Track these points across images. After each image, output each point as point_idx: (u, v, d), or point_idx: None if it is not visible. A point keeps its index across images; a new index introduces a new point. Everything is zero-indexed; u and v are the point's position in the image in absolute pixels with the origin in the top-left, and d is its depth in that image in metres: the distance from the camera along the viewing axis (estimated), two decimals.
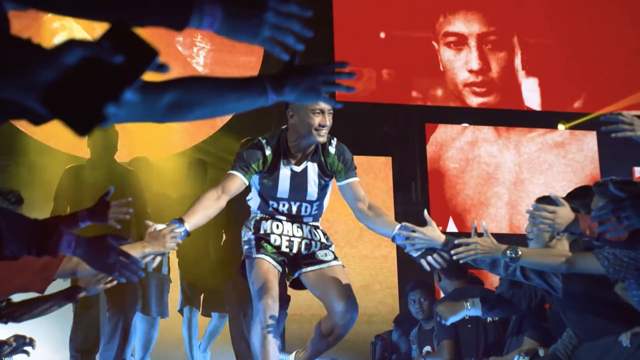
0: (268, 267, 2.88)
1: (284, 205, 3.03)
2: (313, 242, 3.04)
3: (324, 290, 2.91)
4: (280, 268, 2.93)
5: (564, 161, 7.75)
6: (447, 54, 7.81)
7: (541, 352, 3.62)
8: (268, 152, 2.97)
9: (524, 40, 8.06)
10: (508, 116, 7.84)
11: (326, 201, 3.16)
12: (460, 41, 7.93)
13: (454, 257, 2.87)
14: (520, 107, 7.95)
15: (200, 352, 5.19)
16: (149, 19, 1.16)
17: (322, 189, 3.08)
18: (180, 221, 2.69)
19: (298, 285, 3.09)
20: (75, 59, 0.92)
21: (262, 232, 2.99)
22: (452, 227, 7.35)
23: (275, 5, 1.25)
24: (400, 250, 7.08)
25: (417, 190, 7.29)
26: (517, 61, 8.06)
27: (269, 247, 2.94)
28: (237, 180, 2.92)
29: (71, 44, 0.92)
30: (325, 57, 6.98)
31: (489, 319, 4.22)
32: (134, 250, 2.65)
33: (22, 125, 5.38)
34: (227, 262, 4.47)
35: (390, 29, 7.63)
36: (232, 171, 2.95)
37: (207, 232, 4.61)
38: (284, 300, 4.07)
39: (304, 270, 2.98)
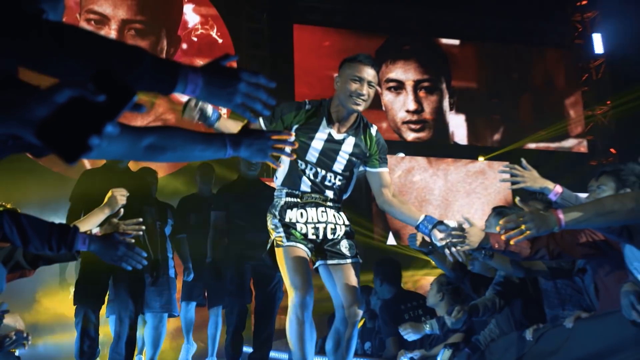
0: (302, 255, 2.53)
1: (310, 170, 2.62)
2: (337, 227, 2.64)
3: (336, 286, 2.56)
4: (310, 254, 2.59)
5: (483, 187, 7.92)
6: (388, 97, 7.99)
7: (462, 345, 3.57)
8: (308, 106, 2.63)
9: (452, 85, 8.25)
10: (438, 149, 7.98)
11: (352, 185, 2.76)
12: (399, 86, 8.04)
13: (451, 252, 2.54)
14: (448, 141, 8.12)
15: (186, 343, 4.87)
16: (141, 85, 1.16)
17: (350, 166, 2.68)
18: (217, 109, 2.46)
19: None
20: (65, 98, 0.93)
21: (287, 220, 2.59)
22: (391, 240, 7.46)
23: (247, 77, 1.27)
24: None
25: (362, 209, 7.37)
26: (446, 103, 8.20)
27: (297, 234, 2.57)
28: (258, 124, 2.58)
29: (62, 86, 0.93)
30: (287, 90, 7.04)
31: (422, 318, 4.24)
32: (96, 216, 2.65)
33: None
34: (225, 263, 4.19)
35: None
36: (256, 120, 2.53)
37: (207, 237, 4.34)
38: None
39: (326, 262, 2.60)
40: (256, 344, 4.04)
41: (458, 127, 8.17)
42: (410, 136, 7.93)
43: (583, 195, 3.04)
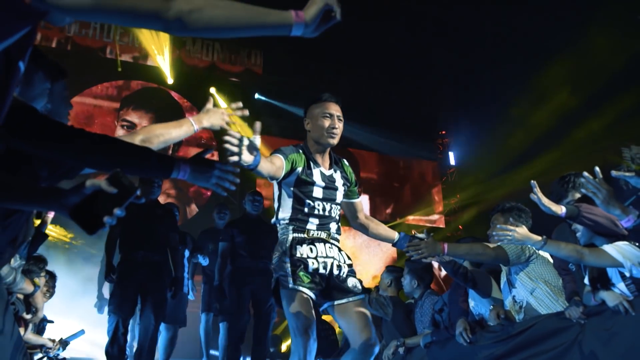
0: (307, 301, 2.07)
1: (318, 205, 2.20)
2: (342, 265, 2.20)
3: (349, 323, 2.12)
4: (315, 297, 2.13)
5: (379, 247, 8.39)
6: None
7: None
8: (300, 150, 2.25)
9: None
10: None
11: None
12: None
13: (413, 257, 2.38)
14: None
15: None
16: (150, 173, 1.35)
17: (342, 196, 2.32)
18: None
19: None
20: (90, 191, 1.00)
21: (298, 255, 2.13)
22: None
23: (220, 166, 1.36)
24: None
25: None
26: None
27: (305, 278, 2.10)
28: (280, 159, 2.12)
29: (88, 182, 1.01)
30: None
31: (332, 337, 4.25)
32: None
33: None
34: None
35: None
36: (274, 154, 2.15)
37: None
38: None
39: (335, 302, 2.17)
40: (254, 356, 3.89)
41: (363, 204, 8.31)
42: None
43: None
